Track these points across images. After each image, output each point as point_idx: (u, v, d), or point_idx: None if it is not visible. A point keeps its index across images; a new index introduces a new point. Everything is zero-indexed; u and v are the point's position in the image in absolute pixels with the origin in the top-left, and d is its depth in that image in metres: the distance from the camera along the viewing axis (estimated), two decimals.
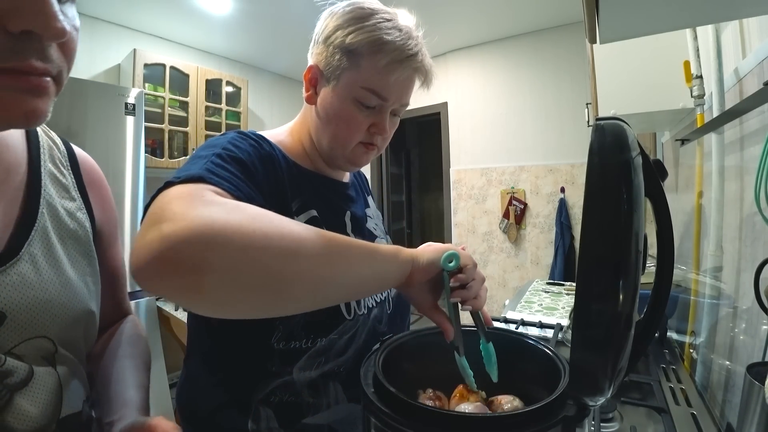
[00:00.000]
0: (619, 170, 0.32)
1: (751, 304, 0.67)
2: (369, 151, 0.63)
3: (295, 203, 0.57)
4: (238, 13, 2.50)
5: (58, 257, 0.45)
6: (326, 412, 0.55)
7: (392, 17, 0.58)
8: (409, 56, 0.56)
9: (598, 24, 0.53)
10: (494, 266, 3.16)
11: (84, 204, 0.52)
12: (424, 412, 0.37)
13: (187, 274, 0.31)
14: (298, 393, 0.54)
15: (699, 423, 0.75)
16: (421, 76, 0.61)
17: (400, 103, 0.61)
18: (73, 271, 0.47)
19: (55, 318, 0.42)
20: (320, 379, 0.55)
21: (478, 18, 2.73)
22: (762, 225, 0.65)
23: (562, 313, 1.48)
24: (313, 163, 0.66)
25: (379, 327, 0.64)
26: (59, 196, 0.49)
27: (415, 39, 0.58)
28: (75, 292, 0.46)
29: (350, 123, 0.59)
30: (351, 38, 0.56)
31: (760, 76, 0.74)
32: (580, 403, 0.37)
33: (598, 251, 0.33)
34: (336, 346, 0.56)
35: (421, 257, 0.47)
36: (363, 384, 0.43)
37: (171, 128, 2.52)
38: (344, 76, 0.58)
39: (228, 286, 0.32)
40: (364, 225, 0.69)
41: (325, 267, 0.38)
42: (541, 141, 2.94)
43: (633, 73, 1.20)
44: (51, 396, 0.41)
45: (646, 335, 0.41)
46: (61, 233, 0.47)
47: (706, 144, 1.04)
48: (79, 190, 0.52)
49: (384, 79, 0.57)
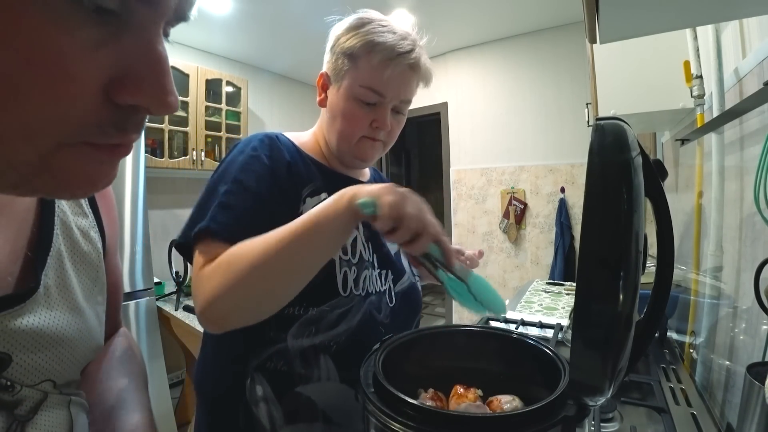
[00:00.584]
0: (619, 170, 0.33)
1: (751, 304, 0.67)
2: (374, 145, 0.67)
3: (307, 189, 0.63)
4: (238, 13, 2.50)
5: (72, 288, 0.40)
6: (317, 385, 0.59)
7: (387, 23, 0.64)
8: (400, 53, 0.62)
9: (598, 24, 0.53)
10: (494, 266, 3.16)
11: (96, 221, 0.47)
12: (424, 412, 0.37)
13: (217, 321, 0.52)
14: (291, 362, 0.59)
15: (699, 423, 0.75)
16: (417, 74, 0.66)
17: (399, 99, 0.65)
18: (86, 303, 0.42)
19: (64, 359, 0.38)
20: (311, 350, 0.59)
21: (478, 18, 2.73)
22: (762, 225, 0.65)
23: (562, 313, 1.48)
24: (329, 163, 0.71)
25: (377, 315, 0.65)
26: (73, 212, 0.43)
27: (408, 39, 0.63)
28: (88, 328, 0.41)
29: (352, 119, 0.65)
30: (349, 43, 0.63)
31: (760, 76, 0.74)
32: (580, 403, 0.37)
33: (598, 251, 0.33)
34: (327, 318, 0.60)
35: (353, 202, 0.47)
36: (363, 384, 0.43)
37: (171, 128, 2.52)
38: (346, 77, 0.64)
39: (233, 317, 0.51)
40: None
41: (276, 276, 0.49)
42: (541, 141, 2.94)
43: (633, 73, 1.20)
44: (62, 426, 0.37)
45: (646, 335, 0.41)
46: (74, 258, 0.42)
47: (706, 144, 1.04)
48: (91, 204, 0.47)
49: (378, 76, 0.62)
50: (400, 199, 0.46)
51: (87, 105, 0.21)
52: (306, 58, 3.23)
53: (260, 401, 0.61)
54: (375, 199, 0.46)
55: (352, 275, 0.63)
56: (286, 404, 0.61)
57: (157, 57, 0.22)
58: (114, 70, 0.21)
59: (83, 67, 0.20)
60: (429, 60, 0.67)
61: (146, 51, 0.22)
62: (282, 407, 0.61)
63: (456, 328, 0.57)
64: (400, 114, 0.68)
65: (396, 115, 0.67)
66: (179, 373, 2.63)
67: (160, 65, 0.23)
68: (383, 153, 0.71)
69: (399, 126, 0.69)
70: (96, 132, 0.22)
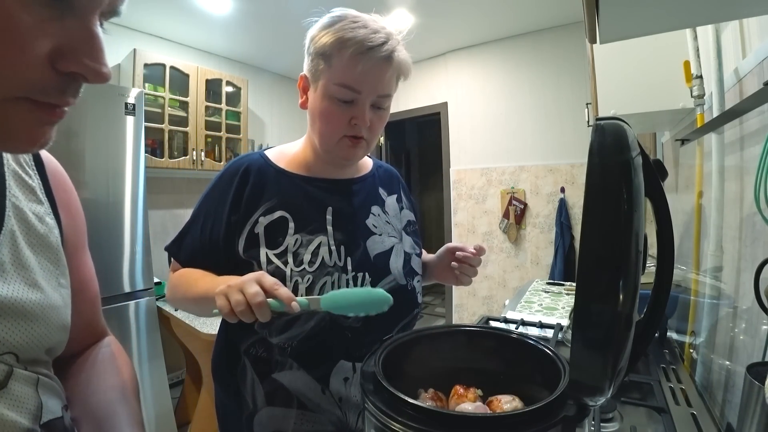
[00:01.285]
0: (619, 170, 0.32)
1: (751, 304, 0.67)
2: (355, 144, 0.67)
3: (264, 206, 0.68)
4: (238, 13, 2.50)
5: (29, 266, 0.41)
6: (290, 373, 0.66)
7: (360, 19, 0.64)
8: (371, 47, 0.61)
9: (598, 24, 0.53)
10: (494, 266, 3.16)
11: (52, 208, 0.48)
12: (424, 412, 0.37)
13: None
14: (271, 350, 0.67)
15: (699, 423, 0.75)
16: (391, 66, 0.64)
17: (376, 94, 0.65)
18: (46, 282, 0.42)
19: (24, 333, 0.38)
20: (277, 348, 0.67)
21: (478, 18, 2.73)
22: (762, 225, 0.65)
23: (562, 313, 1.48)
24: (312, 167, 0.73)
25: (342, 320, 0.66)
26: (26, 198, 0.45)
27: (382, 33, 0.62)
28: (50, 305, 0.41)
29: (330, 118, 0.65)
30: (322, 41, 0.63)
31: (760, 76, 0.74)
32: (580, 403, 0.37)
33: (598, 251, 0.33)
34: (275, 324, 0.65)
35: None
36: (363, 384, 0.43)
37: (171, 128, 2.52)
38: (321, 77, 0.65)
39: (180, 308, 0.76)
40: (351, 220, 0.72)
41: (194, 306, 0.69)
42: (541, 141, 2.94)
43: (633, 73, 1.20)
44: (31, 402, 0.38)
45: (646, 335, 0.41)
46: (30, 239, 0.43)
47: (706, 144, 1.04)
48: (46, 193, 0.48)
49: (351, 71, 0.61)
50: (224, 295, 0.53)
51: (34, 67, 0.26)
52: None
53: (249, 383, 0.69)
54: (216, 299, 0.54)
55: (305, 284, 0.64)
56: (265, 386, 0.68)
57: (93, 35, 0.29)
58: (58, 42, 0.27)
59: (34, 36, 0.26)
60: (406, 52, 0.67)
61: (84, 30, 0.28)
62: (263, 389, 0.67)
63: (456, 328, 0.57)
64: (380, 109, 0.67)
65: (376, 111, 0.67)
66: (179, 373, 2.63)
67: (95, 41, 0.29)
68: (368, 151, 0.71)
69: (380, 122, 0.68)
70: (39, 91, 0.28)
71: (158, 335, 2.00)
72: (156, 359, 1.99)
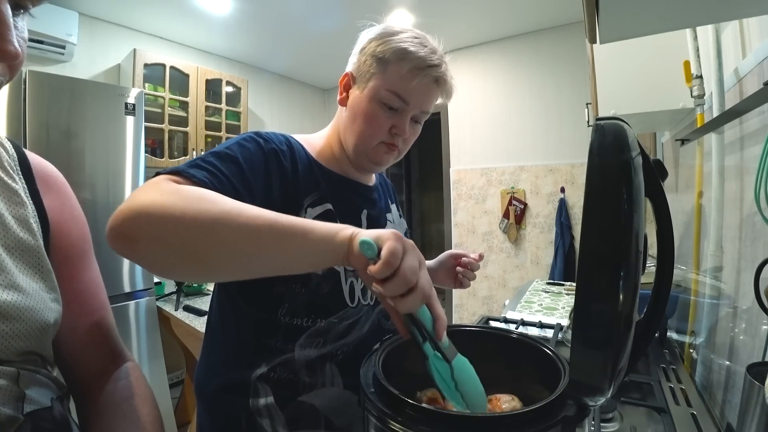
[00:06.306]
0: (619, 170, 0.32)
1: (751, 304, 0.67)
2: (390, 151, 0.68)
3: (310, 197, 0.63)
4: (238, 13, 2.50)
5: (6, 269, 0.41)
6: (320, 391, 0.59)
7: (419, 36, 0.66)
8: (429, 65, 0.63)
9: (598, 24, 0.53)
10: (494, 266, 3.16)
11: (38, 211, 0.48)
12: (424, 412, 0.37)
13: (125, 241, 0.40)
14: (297, 371, 0.59)
15: (699, 423, 0.75)
16: (441, 88, 0.68)
17: (421, 110, 0.67)
18: (24, 283, 0.42)
19: (2, 334, 0.39)
20: (318, 360, 0.60)
21: (478, 18, 2.73)
22: (762, 225, 0.65)
23: (562, 313, 1.48)
24: (339, 166, 0.71)
25: (385, 323, 0.65)
26: (7, 201, 0.45)
27: (438, 54, 0.65)
28: (28, 307, 0.42)
29: (373, 121, 0.65)
30: (381, 48, 0.64)
31: (760, 76, 0.74)
32: (580, 403, 0.37)
33: (598, 251, 0.33)
34: (335, 329, 0.61)
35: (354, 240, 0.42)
36: (363, 384, 0.43)
37: (171, 128, 2.52)
38: (373, 79, 0.65)
39: (155, 252, 0.41)
40: (378, 226, 0.71)
41: (245, 241, 0.40)
42: (541, 141, 2.94)
43: (633, 73, 1.20)
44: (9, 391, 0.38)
45: (646, 335, 0.41)
46: (8, 243, 0.43)
47: (706, 144, 1.04)
48: (32, 195, 0.48)
49: (406, 84, 0.63)
50: (402, 248, 0.40)
51: None
52: (306, 59, 3.23)
53: (263, 409, 0.60)
54: (378, 242, 0.40)
55: (360, 285, 0.64)
56: (288, 412, 0.60)
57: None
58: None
59: None
60: (451, 78, 0.69)
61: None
62: (284, 415, 0.60)
63: (456, 328, 0.57)
64: (417, 124, 0.69)
65: (414, 125, 0.69)
66: (179, 373, 2.63)
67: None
68: (396, 160, 0.72)
69: (414, 136, 0.71)
70: None
71: (158, 335, 2.00)
72: (156, 359, 1.99)
